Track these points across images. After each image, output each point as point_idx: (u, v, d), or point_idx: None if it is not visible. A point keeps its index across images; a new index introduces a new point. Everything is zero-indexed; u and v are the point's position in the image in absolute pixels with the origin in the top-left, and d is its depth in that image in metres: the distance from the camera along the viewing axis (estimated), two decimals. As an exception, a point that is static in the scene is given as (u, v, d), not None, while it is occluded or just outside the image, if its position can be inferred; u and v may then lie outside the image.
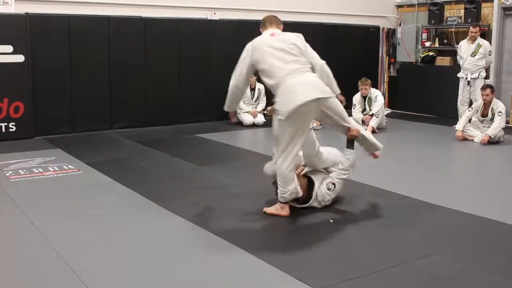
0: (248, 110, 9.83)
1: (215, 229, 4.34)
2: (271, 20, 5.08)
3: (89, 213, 4.81)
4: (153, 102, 9.49)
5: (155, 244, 4.12)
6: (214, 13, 10.03)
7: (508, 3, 10.46)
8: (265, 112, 9.49)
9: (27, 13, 8.19)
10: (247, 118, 9.73)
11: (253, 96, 9.92)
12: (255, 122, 9.74)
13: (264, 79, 4.66)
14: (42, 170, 6.26)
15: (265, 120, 9.78)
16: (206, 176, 6.17)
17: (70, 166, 6.46)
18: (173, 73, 9.66)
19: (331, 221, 4.58)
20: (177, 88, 9.75)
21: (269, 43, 4.72)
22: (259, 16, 10.38)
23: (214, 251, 4.00)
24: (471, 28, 9.57)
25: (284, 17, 10.67)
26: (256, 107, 9.97)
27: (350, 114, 9.13)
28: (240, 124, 9.71)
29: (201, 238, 4.24)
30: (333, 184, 4.87)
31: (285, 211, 4.70)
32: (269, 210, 4.74)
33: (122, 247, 4.03)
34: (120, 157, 7.11)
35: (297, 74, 4.53)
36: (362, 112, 9.28)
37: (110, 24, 8.93)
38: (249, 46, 4.79)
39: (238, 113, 9.89)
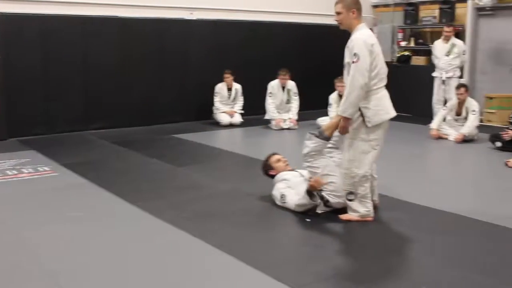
0: (225, 110, 9.82)
1: (191, 230, 4.32)
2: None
3: (65, 215, 4.75)
4: (130, 102, 9.42)
5: (131, 245, 4.09)
6: (191, 13, 10.00)
7: (482, 3, 10.60)
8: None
9: (1, 13, 8.06)
10: (224, 118, 9.72)
11: (230, 96, 9.90)
12: (232, 122, 9.73)
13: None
14: (16, 172, 6.17)
15: (242, 120, 9.78)
16: (183, 177, 6.15)
17: (45, 168, 6.38)
18: (149, 73, 9.61)
19: (308, 220, 4.60)
20: (153, 89, 9.70)
21: (378, 45, 4.51)
22: (236, 16, 10.53)
23: (191, 252, 3.99)
24: (445, 28, 9.70)
25: (259, 17, 10.85)
26: (233, 107, 9.95)
27: (326, 114, 9.26)
28: (217, 124, 9.71)
29: (178, 239, 4.21)
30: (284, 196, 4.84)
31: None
32: (349, 216, 4.62)
33: (99, 249, 4.00)
34: (96, 158, 7.05)
35: (384, 88, 4.56)
36: (339, 111, 9.30)
37: (86, 23, 8.84)
38: (366, 42, 4.38)
39: (215, 113, 9.88)
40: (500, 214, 4.81)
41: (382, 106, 4.47)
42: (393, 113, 4.57)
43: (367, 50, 4.33)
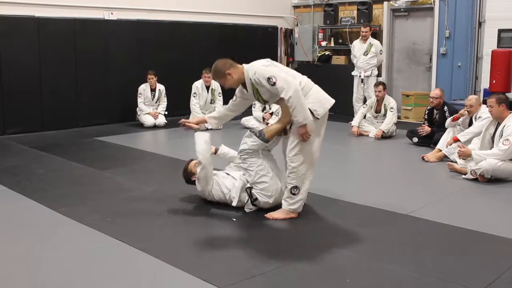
0: (149, 112, 9.71)
1: (117, 234, 4.26)
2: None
3: (-19, 224, 4.57)
4: (49, 105, 9.13)
5: (54, 253, 3.97)
6: (112, 13, 9.82)
7: (397, 5, 11.02)
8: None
9: None
10: (148, 120, 9.61)
11: (154, 97, 9.80)
12: (156, 124, 9.64)
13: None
14: None
15: (166, 121, 9.70)
16: (106, 180, 6.04)
17: (-41, 175, 6.10)
18: (69, 74, 9.34)
19: (234, 219, 4.64)
20: (74, 90, 9.45)
21: (279, 64, 4.83)
22: (158, 17, 10.43)
23: (117, 256, 3.93)
24: (362, 28, 10.01)
25: (181, 18, 10.80)
26: (157, 108, 9.86)
27: (250, 114, 9.33)
28: (141, 126, 9.58)
29: (103, 244, 4.14)
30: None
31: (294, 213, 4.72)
32: (275, 215, 4.68)
33: (19, 259, 3.86)
34: (14, 164, 6.78)
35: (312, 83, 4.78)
36: (263, 110, 9.40)
37: (1, 23, 8.50)
38: (265, 67, 4.58)
39: (139, 115, 9.76)
40: (416, 206, 5.03)
41: (322, 97, 4.65)
42: (331, 100, 4.72)
43: (278, 69, 4.54)
